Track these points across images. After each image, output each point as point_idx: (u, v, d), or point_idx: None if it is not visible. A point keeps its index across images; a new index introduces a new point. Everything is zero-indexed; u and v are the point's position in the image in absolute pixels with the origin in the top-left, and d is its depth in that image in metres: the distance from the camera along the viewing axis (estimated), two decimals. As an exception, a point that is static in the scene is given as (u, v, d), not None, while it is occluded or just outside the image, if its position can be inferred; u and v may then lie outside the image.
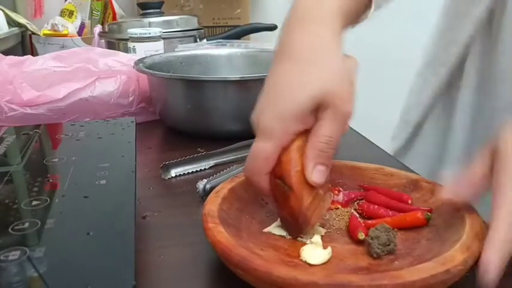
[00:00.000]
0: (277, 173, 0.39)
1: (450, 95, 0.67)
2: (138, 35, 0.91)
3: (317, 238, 0.40)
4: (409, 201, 0.44)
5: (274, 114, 0.39)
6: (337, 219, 0.44)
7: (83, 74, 0.72)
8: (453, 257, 0.33)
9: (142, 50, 0.90)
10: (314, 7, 0.42)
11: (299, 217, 0.39)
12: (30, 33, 1.23)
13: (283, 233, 0.42)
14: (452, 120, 0.67)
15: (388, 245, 0.38)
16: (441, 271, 0.31)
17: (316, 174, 0.38)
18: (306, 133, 0.39)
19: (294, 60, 0.41)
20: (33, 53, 1.19)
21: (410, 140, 0.73)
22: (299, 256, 0.38)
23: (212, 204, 0.40)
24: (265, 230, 0.42)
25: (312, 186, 0.39)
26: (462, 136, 0.65)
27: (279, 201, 0.40)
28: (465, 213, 0.38)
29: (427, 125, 0.71)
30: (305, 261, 0.37)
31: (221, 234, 0.36)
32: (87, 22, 1.33)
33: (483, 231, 0.36)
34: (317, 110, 0.38)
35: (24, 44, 1.28)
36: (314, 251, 0.38)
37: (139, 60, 0.75)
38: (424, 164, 0.70)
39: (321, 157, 0.38)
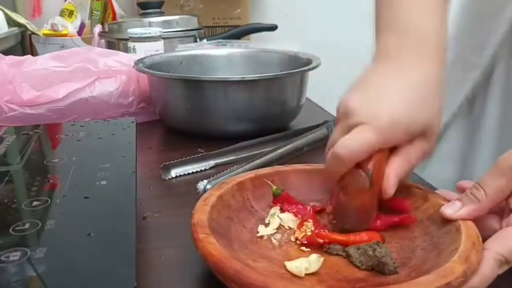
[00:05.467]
0: (365, 166, 0.40)
1: (482, 98, 0.66)
2: (138, 35, 0.91)
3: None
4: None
5: (392, 118, 0.40)
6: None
7: (83, 74, 0.72)
8: (453, 268, 0.32)
9: (143, 50, 0.90)
10: (424, 37, 0.43)
11: (366, 212, 0.41)
12: (30, 33, 1.23)
13: (273, 231, 0.42)
14: (479, 125, 0.65)
15: (381, 258, 0.36)
16: (442, 284, 0.30)
17: (394, 188, 0.40)
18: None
19: (413, 86, 0.42)
20: (33, 53, 1.19)
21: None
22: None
23: (201, 213, 0.38)
24: (259, 234, 0.41)
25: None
26: (489, 142, 0.64)
27: (350, 191, 0.41)
28: (459, 220, 0.37)
29: (451, 129, 0.70)
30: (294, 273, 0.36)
31: (212, 245, 0.34)
32: (87, 22, 1.33)
33: (479, 240, 0.35)
34: (416, 134, 0.41)
35: (24, 43, 1.28)
36: (298, 262, 0.37)
37: (139, 60, 0.75)
38: (448, 169, 0.69)
39: (403, 176, 0.40)
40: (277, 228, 0.43)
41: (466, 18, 0.66)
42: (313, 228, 0.41)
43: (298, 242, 0.41)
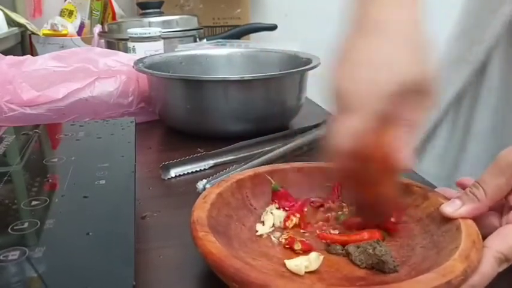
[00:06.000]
0: (364, 156, 0.36)
1: (472, 95, 0.65)
2: (138, 35, 0.91)
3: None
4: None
5: (371, 91, 0.36)
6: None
7: (83, 74, 0.72)
8: (453, 267, 0.32)
9: (142, 50, 0.90)
10: None
11: (387, 204, 0.38)
12: (30, 33, 1.23)
13: (270, 229, 0.42)
14: (472, 121, 0.65)
15: (381, 256, 0.36)
16: (442, 283, 0.30)
17: (411, 158, 0.37)
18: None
19: (385, 37, 0.38)
20: (33, 53, 1.19)
21: (427, 139, 0.71)
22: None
23: (201, 211, 0.38)
24: (258, 232, 0.41)
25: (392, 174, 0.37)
26: (482, 139, 0.63)
27: (360, 186, 0.39)
28: (459, 219, 0.37)
29: (442, 124, 0.69)
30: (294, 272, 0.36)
31: (212, 244, 0.34)
32: (87, 22, 1.33)
33: (480, 239, 0.35)
34: (410, 94, 0.37)
35: (23, 44, 1.28)
36: (297, 261, 0.37)
37: (139, 60, 0.75)
38: (440, 166, 0.68)
39: (414, 142, 0.37)
40: (275, 226, 0.43)
41: (463, 18, 0.67)
42: (297, 222, 0.42)
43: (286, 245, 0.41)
